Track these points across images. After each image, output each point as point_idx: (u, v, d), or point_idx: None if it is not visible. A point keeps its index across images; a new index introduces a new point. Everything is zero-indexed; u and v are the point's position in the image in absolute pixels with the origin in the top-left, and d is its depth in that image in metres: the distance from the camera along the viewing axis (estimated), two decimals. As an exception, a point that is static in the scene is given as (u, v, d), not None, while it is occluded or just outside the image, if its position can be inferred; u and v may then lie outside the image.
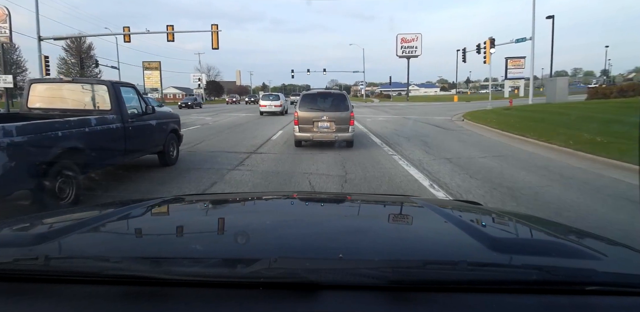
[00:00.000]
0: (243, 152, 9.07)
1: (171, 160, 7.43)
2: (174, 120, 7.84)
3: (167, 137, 7.26)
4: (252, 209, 1.64)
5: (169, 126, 7.44)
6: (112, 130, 5.55)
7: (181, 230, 1.24)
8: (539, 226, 1.37)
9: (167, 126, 7.37)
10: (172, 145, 7.54)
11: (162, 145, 7.10)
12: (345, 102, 9.55)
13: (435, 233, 1.20)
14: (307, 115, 9.30)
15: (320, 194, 2.76)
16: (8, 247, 0.96)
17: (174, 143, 7.61)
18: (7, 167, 3.67)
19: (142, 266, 0.87)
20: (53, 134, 4.36)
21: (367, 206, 1.69)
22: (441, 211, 1.38)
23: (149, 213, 1.43)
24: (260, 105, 24.27)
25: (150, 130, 6.68)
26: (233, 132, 14.21)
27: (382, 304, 0.75)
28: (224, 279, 0.81)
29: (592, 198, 5.07)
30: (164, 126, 7.24)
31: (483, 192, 5.28)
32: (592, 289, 0.81)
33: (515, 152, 8.81)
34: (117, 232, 1.21)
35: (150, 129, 6.69)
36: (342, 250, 0.93)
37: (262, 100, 24.75)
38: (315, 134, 9.25)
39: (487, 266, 0.90)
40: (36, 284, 0.82)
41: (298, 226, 1.27)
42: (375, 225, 1.32)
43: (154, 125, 6.85)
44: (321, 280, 0.78)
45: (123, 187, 5.63)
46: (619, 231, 3.68)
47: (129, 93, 6.33)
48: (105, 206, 1.63)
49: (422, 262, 0.90)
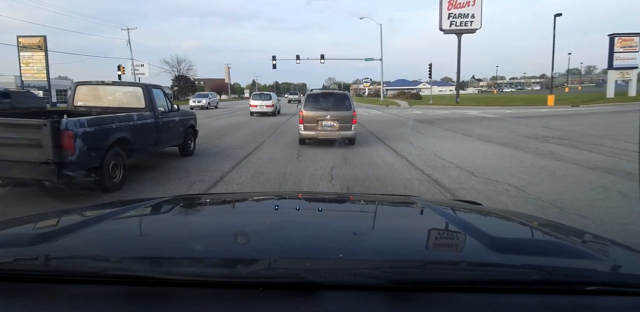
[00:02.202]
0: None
1: (189, 151, 8.57)
2: (192, 117, 8.97)
3: (186, 131, 8.39)
4: (252, 209, 1.64)
5: (188, 122, 8.56)
6: (148, 125, 6.62)
7: (181, 230, 1.24)
8: (539, 226, 1.36)
9: (187, 122, 8.48)
10: (190, 138, 8.69)
11: (183, 138, 8.26)
12: (348, 102, 10.18)
13: (435, 233, 1.20)
14: (311, 114, 9.80)
15: (320, 194, 2.81)
16: (8, 247, 0.96)
17: (191, 137, 8.75)
18: (82, 149, 4.80)
19: (142, 266, 0.87)
20: (109, 126, 5.46)
21: (367, 206, 1.70)
22: (441, 211, 1.38)
23: (149, 213, 1.43)
24: (251, 106, 23.25)
25: (174, 125, 7.76)
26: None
27: (382, 304, 0.75)
28: (224, 279, 0.81)
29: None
30: (184, 122, 8.34)
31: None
32: (592, 289, 0.81)
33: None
34: (117, 232, 1.20)
35: (174, 124, 7.77)
36: (342, 250, 0.94)
37: (252, 99, 23.74)
38: (319, 133, 9.73)
39: (487, 266, 0.90)
40: (36, 284, 0.82)
41: (298, 226, 1.27)
42: (375, 225, 1.32)
43: (177, 121, 7.95)
44: (321, 280, 0.78)
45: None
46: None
47: (158, 94, 7.50)
48: (105, 206, 1.63)
49: (422, 262, 0.90)
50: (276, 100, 24.90)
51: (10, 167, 4.60)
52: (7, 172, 4.65)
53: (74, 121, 4.78)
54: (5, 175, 4.73)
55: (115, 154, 5.55)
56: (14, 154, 4.56)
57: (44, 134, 4.46)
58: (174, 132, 7.83)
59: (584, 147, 8.96)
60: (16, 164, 4.57)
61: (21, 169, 4.60)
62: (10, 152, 4.56)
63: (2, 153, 4.56)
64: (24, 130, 4.57)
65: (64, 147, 4.58)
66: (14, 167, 4.60)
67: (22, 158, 4.56)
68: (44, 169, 4.54)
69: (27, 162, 4.54)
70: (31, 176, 4.66)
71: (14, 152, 4.56)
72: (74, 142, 4.68)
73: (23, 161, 4.55)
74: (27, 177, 4.72)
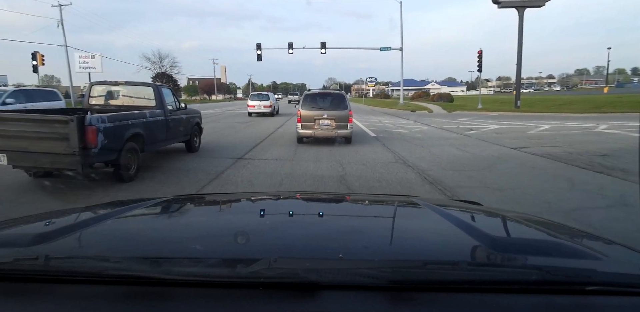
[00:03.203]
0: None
1: (195, 148, 9.16)
2: (197, 116, 9.53)
3: (192, 128, 8.98)
4: (252, 209, 1.64)
5: (194, 120, 9.14)
6: (159, 122, 7.19)
7: (181, 230, 1.24)
8: (539, 226, 1.37)
9: (193, 120, 9.05)
10: (196, 135, 9.29)
11: (189, 135, 8.84)
12: (345, 102, 10.57)
13: (435, 233, 1.20)
14: (309, 113, 10.23)
15: (320, 194, 2.82)
16: (8, 247, 0.97)
17: (197, 134, 9.34)
18: (103, 143, 5.36)
19: (142, 266, 0.88)
20: (126, 122, 6.04)
21: (367, 206, 1.71)
22: (441, 210, 1.38)
23: (149, 213, 1.43)
24: (249, 106, 23.38)
25: (182, 123, 8.33)
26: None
27: (382, 304, 0.75)
28: (224, 279, 0.81)
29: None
30: (191, 120, 8.91)
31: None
32: (592, 289, 0.81)
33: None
34: (117, 232, 1.20)
35: (182, 121, 8.34)
36: (342, 250, 0.94)
37: (250, 100, 23.79)
38: (316, 131, 10.16)
39: (487, 266, 0.91)
40: (36, 284, 0.82)
41: (298, 226, 1.27)
42: (375, 225, 1.32)
43: (184, 118, 8.53)
44: (321, 280, 0.79)
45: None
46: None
47: (167, 93, 8.07)
48: (105, 206, 1.63)
49: (422, 262, 0.90)
50: (274, 101, 24.75)
51: (39, 158, 5.17)
52: (37, 162, 5.23)
53: (96, 117, 5.36)
54: (35, 165, 5.32)
55: (130, 148, 6.11)
56: (44, 146, 5.12)
57: (71, 128, 5.02)
58: (182, 129, 8.41)
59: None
60: (45, 156, 5.14)
61: (50, 159, 5.17)
62: (41, 145, 5.12)
63: (33, 146, 5.13)
64: (53, 126, 5.12)
65: (87, 141, 5.15)
66: (43, 158, 5.17)
67: (50, 150, 5.13)
68: (70, 160, 5.11)
69: (55, 154, 5.12)
70: (58, 166, 5.25)
71: (43, 145, 5.12)
72: (97, 136, 5.24)
73: (51, 152, 5.12)
74: (54, 167, 5.31)
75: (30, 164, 5.37)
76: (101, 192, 5.35)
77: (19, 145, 5.16)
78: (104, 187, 5.62)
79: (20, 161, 5.32)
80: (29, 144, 5.13)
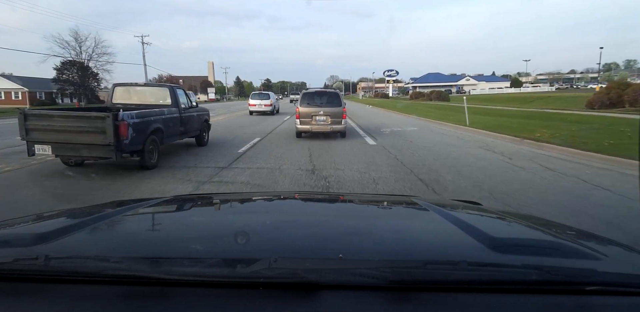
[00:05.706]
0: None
1: (204, 142, 10.20)
2: (206, 113, 10.59)
3: (202, 124, 10.02)
4: (252, 209, 1.65)
5: (203, 117, 10.18)
6: (175, 118, 8.22)
7: (181, 230, 1.25)
8: (539, 226, 1.36)
9: (202, 117, 10.10)
10: (205, 131, 10.32)
11: (199, 130, 9.87)
12: (339, 99, 11.65)
13: (435, 233, 1.20)
14: (306, 110, 11.30)
15: (320, 194, 2.77)
16: (8, 247, 0.97)
17: (206, 129, 10.38)
18: (132, 135, 6.38)
19: (142, 266, 0.88)
20: (149, 118, 7.07)
21: (367, 206, 1.71)
22: (441, 210, 1.38)
23: (149, 213, 1.44)
24: (250, 105, 24.18)
25: (194, 119, 9.36)
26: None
27: (382, 304, 0.75)
28: (224, 279, 0.81)
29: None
30: (201, 117, 9.95)
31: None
32: (592, 289, 0.81)
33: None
34: (117, 232, 1.21)
35: (194, 118, 9.37)
36: (342, 250, 0.94)
37: (251, 99, 24.49)
38: (313, 126, 11.22)
39: (487, 266, 0.90)
40: (36, 284, 0.82)
41: (298, 226, 1.27)
42: (375, 225, 1.33)
43: (195, 115, 9.57)
44: (321, 280, 0.79)
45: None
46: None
47: (181, 93, 9.09)
48: (105, 206, 1.63)
49: (422, 262, 0.90)
50: (274, 100, 25.28)
51: (80, 148, 6.21)
52: (78, 152, 6.29)
53: (127, 114, 6.38)
54: (77, 154, 6.37)
55: (152, 140, 7.13)
56: (83, 138, 6.16)
57: (107, 123, 6.04)
58: (194, 125, 9.44)
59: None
60: (86, 146, 6.18)
61: (89, 150, 6.21)
62: (81, 137, 6.15)
63: (74, 138, 6.16)
64: (93, 121, 6.15)
65: (120, 134, 6.17)
66: (83, 149, 6.21)
67: (89, 141, 6.17)
68: (106, 150, 6.15)
69: (94, 145, 6.16)
70: (96, 154, 6.30)
71: (83, 138, 6.15)
72: (128, 130, 6.26)
73: (91, 143, 6.15)
74: (92, 155, 6.34)
75: (72, 154, 6.40)
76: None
77: (62, 138, 6.21)
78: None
79: (63, 151, 6.37)
80: (71, 136, 6.18)
